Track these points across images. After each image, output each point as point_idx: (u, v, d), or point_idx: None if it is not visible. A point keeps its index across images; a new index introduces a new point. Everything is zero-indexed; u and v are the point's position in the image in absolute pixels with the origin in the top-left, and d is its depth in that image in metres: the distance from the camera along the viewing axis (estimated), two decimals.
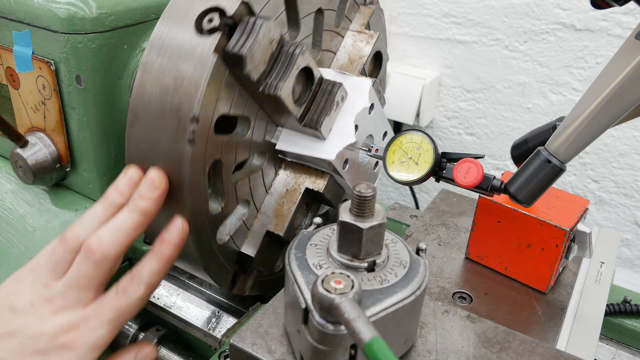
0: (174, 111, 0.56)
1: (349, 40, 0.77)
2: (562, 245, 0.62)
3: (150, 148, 0.58)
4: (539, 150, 0.55)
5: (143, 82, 0.57)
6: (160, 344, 0.81)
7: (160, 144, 0.57)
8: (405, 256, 0.49)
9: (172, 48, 0.56)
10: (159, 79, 0.57)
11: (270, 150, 0.69)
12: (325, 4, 0.69)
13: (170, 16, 0.57)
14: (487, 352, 0.50)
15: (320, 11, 0.69)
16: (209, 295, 0.81)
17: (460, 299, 0.64)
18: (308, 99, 0.65)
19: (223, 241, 0.67)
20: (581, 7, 1.33)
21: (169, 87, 0.56)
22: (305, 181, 0.70)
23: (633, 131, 1.38)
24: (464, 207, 0.81)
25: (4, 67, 0.76)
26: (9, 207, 0.80)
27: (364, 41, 0.76)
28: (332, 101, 0.65)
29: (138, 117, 0.58)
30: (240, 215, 0.69)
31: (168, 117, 0.56)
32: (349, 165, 0.69)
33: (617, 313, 0.73)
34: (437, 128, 1.67)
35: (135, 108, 0.58)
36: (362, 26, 0.78)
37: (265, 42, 0.56)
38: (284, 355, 0.47)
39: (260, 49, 0.56)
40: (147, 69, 0.57)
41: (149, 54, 0.57)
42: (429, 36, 1.57)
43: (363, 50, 0.76)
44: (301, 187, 0.70)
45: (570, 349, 0.58)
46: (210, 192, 0.65)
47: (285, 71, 0.59)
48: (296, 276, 0.45)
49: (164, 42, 0.57)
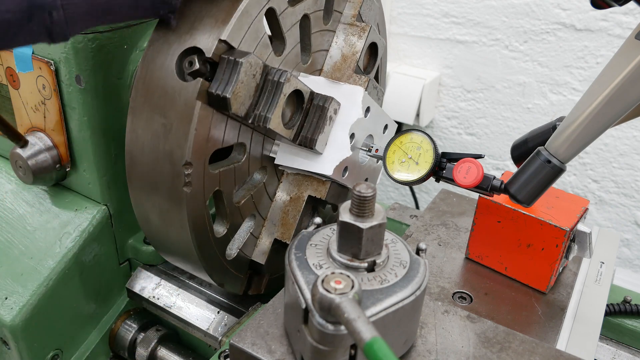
0: (166, 157, 0.57)
1: (340, 35, 0.75)
2: (562, 245, 0.62)
3: (151, 188, 0.60)
4: (539, 150, 0.55)
5: (134, 127, 0.59)
6: (160, 344, 0.81)
7: (159, 185, 0.60)
8: (405, 256, 0.49)
9: (157, 93, 0.57)
10: (148, 124, 0.58)
11: (271, 163, 0.70)
12: (310, 8, 0.68)
13: (152, 56, 0.57)
14: (487, 352, 0.50)
15: (306, 16, 0.67)
16: (209, 295, 0.81)
17: (460, 299, 0.64)
18: (300, 119, 0.64)
19: (232, 256, 0.68)
20: (581, 7, 1.33)
21: (159, 133, 0.57)
22: (307, 189, 0.70)
23: (633, 131, 1.38)
24: (464, 207, 0.81)
25: (4, 67, 0.76)
26: (9, 207, 0.80)
27: (356, 35, 0.74)
28: (325, 117, 0.64)
29: (135, 161, 0.60)
30: (247, 229, 0.70)
31: (162, 163, 0.58)
32: (349, 169, 0.69)
33: (617, 313, 0.73)
34: (437, 128, 1.67)
35: (130, 152, 0.60)
36: (353, 18, 0.75)
37: (248, 78, 0.55)
38: (284, 355, 0.47)
39: (243, 87, 0.55)
40: (136, 113, 0.58)
41: (136, 98, 0.58)
42: (429, 36, 1.57)
43: (356, 45, 0.74)
44: (304, 195, 0.70)
45: (570, 349, 0.58)
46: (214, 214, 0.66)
47: (272, 101, 0.58)
48: (296, 276, 0.45)
49: (148, 86, 0.57)
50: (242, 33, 0.56)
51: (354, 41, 0.73)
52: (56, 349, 0.77)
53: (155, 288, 0.82)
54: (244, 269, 0.72)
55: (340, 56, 0.73)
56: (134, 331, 0.82)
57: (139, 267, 0.84)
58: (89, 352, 0.80)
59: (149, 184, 0.60)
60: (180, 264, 0.69)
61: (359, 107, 0.66)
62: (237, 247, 0.69)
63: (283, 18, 0.62)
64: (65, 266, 0.74)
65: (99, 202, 0.77)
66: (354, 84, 0.70)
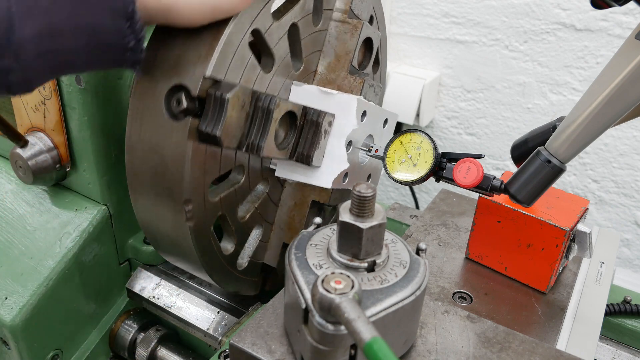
0: (166, 193, 0.58)
1: (332, 33, 0.71)
2: (562, 245, 0.62)
3: (157, 219, 0.62)
4: (539, 150, 0.55)
5: (132, 163, 0.59)
6: (160, 344, 0.81)
7: (163, 218, 0.61)
8: (405, 256, 0.49)
9: (150, 131, 0.57)
10: (145, 161, 0.58)
11: (272, 173, 0.70)
12: (298, 16, 0.65)
13: (141, 94, 0.57)
14: (487, 352, 0.50)
15: (294, 25, 0.65)
16: (209, 295, 0.81)
17: (460, 299, 0.64)
18: (294, 137, 0.63)
19: (243, 266, 0.70)
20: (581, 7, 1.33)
21: (157, 170, 0.58)
22: (310, 194, 0.71)
23: (633, 131, 1.38)
24: (464, 207, 0.81)
25: None
26: (9, 207, 0.80)
27: (349, 33, 0.70)
28: (320, 132, 0.63)
29: (137, 195, 0.62)
30: (256, 237, 0.71)
31: (163, 199, 0.59)
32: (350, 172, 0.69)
33: (617, 313, 0.73)
34: (437, 128, 1.67)
35: (132, 184, 0.61)
36: (344, 15, 0.71)
37: (237, 111, 0.55)
38: (284, 355, 0.47)
39: (233, 121, 0.55)
40: (132, 151, 0.59)
41: (131, 136, 0.58)
42: (429, 36, 1.57)
43: (348, 44, 0.71)
44: (308, 200, 0.71)
45: (570, 349, 0.58)
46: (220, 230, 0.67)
47: (264, 128, 0.57)
48: (296, 276, 0.45)
49: (141, 124, 0.57)
50: (226, 63, 0.55)
51: (346, 39, 0.71)
52: (56, 349, 0.77)
53: (155, 288, 0.82)
54: (257, 272, 0.73)
55: (334, 56, 0.71)
56: (134, 331, 0.82)
57: (139, 267, 0.84)
58: (89, 352, 0.80)
59: (154, 215, 0.62)
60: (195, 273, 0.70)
61: (354, 117, 0.65)
62: (247, 256, 0.71)
63: (269, 35, 0.60)
64: (65, 266, 0.74)
65: (99, 202, 0.77)
66: (348, 85, 0.69)
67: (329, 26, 0.71)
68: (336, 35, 0.71)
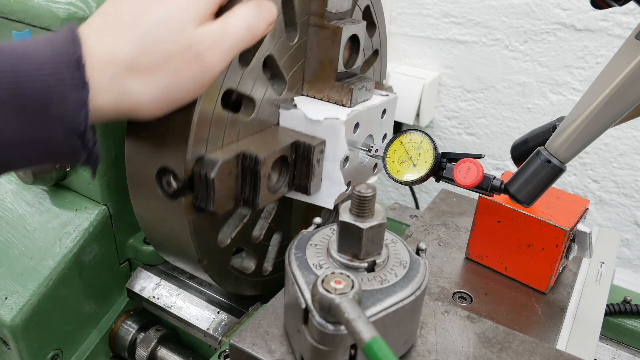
0: (182, 254, 0.64)
1: (313, 40, 0.66)
2: (562, 245, 0.62)
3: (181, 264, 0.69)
4: (539, 150, 0.55)
5: (147, 229, 0.65)
6: (160, 344, 0.81)
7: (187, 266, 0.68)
8: (405, 256, 0.49)
9: (152, 207, 0.61)
10: (157, 230, 0.64)
11: None
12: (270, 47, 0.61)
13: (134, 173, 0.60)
14: (487, 352, 0.50)
15: (270, 56, 0.62)
16: (209, 295, 0.81)
17: (460, 299, 0.64)
18: (288, 173, 0.64)
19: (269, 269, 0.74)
20: (581, 7, 1.33)
21: (169, 238, 0.63)
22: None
23: (633, 131, 1.38)
24: (464, 207, 0.81)
25: None
26: (9, 207, 0.80)
27: (329, 39, 0.65)
28: (312, 164, 0.63)
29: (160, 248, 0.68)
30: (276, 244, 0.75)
31: (181, 256, 0.65)
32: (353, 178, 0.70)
33: (617, 313, 0.73)
34: (437, 128, 1.67)
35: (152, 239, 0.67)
36: (321, 18, 0.65)
37: (225, 181, 0.56)
38: (284, 355, 0.47)
39: (223, 190, 0.57)
40: (144, 221, 0.64)
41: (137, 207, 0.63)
42: (429, 36, 1.57)
43: (330, 51, 0.66)
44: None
45: (570, 349, 0.58)
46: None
47: (254, 184, 0.59)
48: (296, 276, 0.45)
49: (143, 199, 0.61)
50: (205, 136, 0.56)
51: (327, 46, 0.66)
52: (56, 349, 0.77)
53: (155, 288, 0.82)
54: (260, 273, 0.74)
55: (318, 64, 0.67)
56: (134, 331, 0.82)
57: (139, 267, 0.84)
58: (89, 352, 0.80)
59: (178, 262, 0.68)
60: None
61: (344, 142, 0.64)
62: (272, 260, 0.73)
63: (242, 84, 0.59)
64: (65, 266, 0.74)
65: (99, 202, 0.77)
66: (337, 94, 0.67)
67: (309, 32, 0.66)
68: (317, 43, 0.66)
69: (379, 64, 0.84)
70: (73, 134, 0.42)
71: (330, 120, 0.63)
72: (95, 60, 0.42)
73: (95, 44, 0.43)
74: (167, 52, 0.44)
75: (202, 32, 0.45)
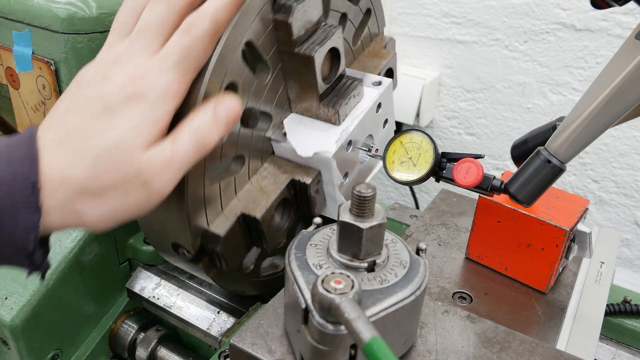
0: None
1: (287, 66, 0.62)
2: (562, 245, 0.62)
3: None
4: (539, 150, 0.55)
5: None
6: (160, 344, 0.81)
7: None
8: (405, 256, 0.49)
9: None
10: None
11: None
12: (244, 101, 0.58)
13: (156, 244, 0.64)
14: (487, 352, 0.50)
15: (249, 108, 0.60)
16: (209, 295, 0.81)
17: (460, 299, 0.64)
18: (291, 209, 0.65)
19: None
20: (581, 7, 1.33)
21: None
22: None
23: (633, 131, 1.38)
24: (464, 207, 0.81)
25: (4, 67, 0.76)
26: None
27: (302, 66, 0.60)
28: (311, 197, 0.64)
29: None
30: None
31: None
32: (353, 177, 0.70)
33: (617, 313, 0.72)
34: (437, 128, 1.67)
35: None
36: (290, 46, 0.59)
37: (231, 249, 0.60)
38: (284, 355, 0.47)
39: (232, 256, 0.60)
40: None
41: None
42: (429, 36, 1.57)
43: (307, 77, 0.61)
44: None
45: (570, 349, 0.58)
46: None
47: (261, 237, 0.61)
48: (296, 276, 0.45)
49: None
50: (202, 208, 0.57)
51: (303, 72, 0.61)
52: (56, 349, 0.77)
53: (155, 288, 0.82)
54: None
55: (299, 88, 0.63)
56: (134, 331, 0.82)
57: (139, 267, 0.84)
58: (89, 352, 0.80)
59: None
60: None
61: (337, 173, 0.64)
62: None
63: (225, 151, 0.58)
64: (65, 266, 0.74)
65: None
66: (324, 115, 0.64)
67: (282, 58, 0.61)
68: (292, 69, 0.61)
69: (374, 19, 0.79)
70: (21, 253, 0.43)
71: (320, 156, 0.62)
72: (49, 181, 0.43)
73: (52, 160, 0.44)
74: (116, 179, 0.45)
75: (150, 157, 0.46)
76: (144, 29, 0.48)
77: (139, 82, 0.46)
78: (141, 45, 0.48)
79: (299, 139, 0.63)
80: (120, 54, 0.48)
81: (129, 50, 0.48)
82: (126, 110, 0.46)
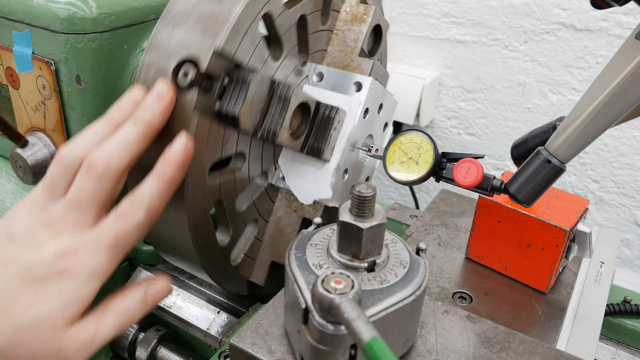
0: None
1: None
2: (562, 245, 0.62)
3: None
4: (539, 150, 0.55)
5: None
6: (160, 344, 0.81)
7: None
8: (405, 256, 0.49)
9: None
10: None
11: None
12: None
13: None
14: (487, 352, 0.50)
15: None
16: (209, 295, 0.81)
17: (460, 299, 0.64)
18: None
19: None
20: (581, 7, 1.33)
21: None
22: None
23: (633, 131, 1.38)
24: (464, 207, 0.81)
25: (4, 67, 0.76)
26: (9, 207, 0.80)
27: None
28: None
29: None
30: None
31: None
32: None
33: (617, 313, 0.73)
34: (437, 128, 1.67)
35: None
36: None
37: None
38: (284, 355, 0.47)
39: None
40: None
41: None
42: (429, 36, 1.57)
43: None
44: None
45: (570, 349, 0.58)
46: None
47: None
48: (296, 276, 0.45)
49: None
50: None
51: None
52: None
53: None
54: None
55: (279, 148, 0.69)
56: (134, 331, 0.82)
57: (139, 267, 0.84)
58: None
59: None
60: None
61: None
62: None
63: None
64: None
65: None
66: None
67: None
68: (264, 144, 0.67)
69: None
70: None
71: (320, 201, 0.67)
72: None
73: None
74: (36, 352, 0.46)
75: (73, 335, 0.47)
76: (77, 202, 0.49)
77: (71, 260, 0.47)
78: (75, 217, 0.48)
79: (296, 182, 0.68)
80: (54, 219, 0.49)
81: (63, 218, 0.48)
82: (55, 285, 0.47)
